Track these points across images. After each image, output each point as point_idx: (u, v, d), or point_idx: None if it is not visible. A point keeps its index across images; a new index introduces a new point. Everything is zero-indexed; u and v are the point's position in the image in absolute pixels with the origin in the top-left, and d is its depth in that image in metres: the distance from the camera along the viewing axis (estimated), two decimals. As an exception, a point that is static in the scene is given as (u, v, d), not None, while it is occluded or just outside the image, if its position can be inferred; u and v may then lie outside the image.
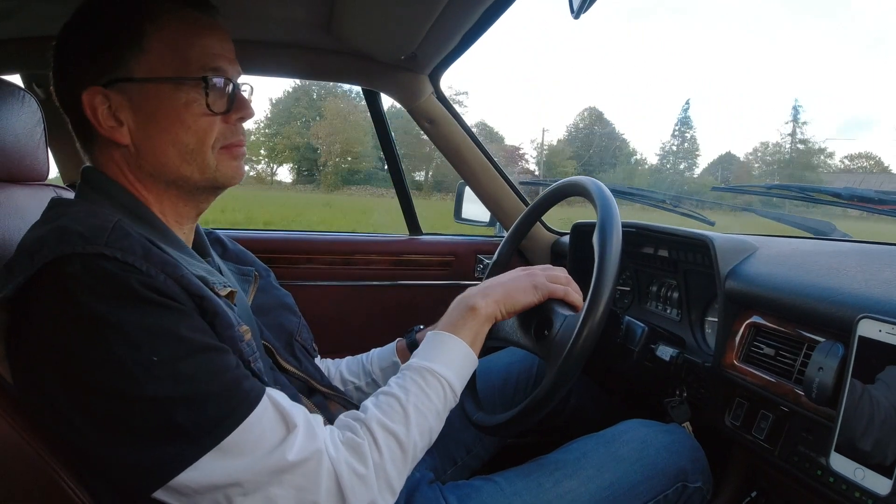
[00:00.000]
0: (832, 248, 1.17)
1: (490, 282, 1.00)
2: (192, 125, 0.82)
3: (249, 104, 0.88)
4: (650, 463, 1.00)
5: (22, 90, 1.04)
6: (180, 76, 0.81)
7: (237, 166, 0.88)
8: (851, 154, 51.82)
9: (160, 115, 0.82)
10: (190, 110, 0.82)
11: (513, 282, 0.99)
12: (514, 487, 0.95)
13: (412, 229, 2.07)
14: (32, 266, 0.67)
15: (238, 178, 0.88)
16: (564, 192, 1.22)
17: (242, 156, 0.89)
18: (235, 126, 0.87)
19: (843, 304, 0.89)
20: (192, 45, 0.82)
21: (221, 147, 0.85)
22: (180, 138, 0.82)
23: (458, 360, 0.90)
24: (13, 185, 1.02)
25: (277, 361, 0.98)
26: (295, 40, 1.51)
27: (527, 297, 0.98)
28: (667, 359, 1.12)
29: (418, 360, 0.89)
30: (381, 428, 0.79)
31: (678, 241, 1.35)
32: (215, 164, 0.85)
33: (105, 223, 0.71)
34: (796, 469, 0.94)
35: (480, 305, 0.95)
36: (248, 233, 1.94)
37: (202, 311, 0.73)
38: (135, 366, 0.65)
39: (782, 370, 0.99)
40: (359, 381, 1.29)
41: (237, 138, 0.87)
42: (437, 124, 1.81)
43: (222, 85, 0.84)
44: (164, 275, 0.70)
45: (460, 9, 1.16)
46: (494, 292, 0.97)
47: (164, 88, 0.81)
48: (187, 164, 0.84)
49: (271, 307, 1.07)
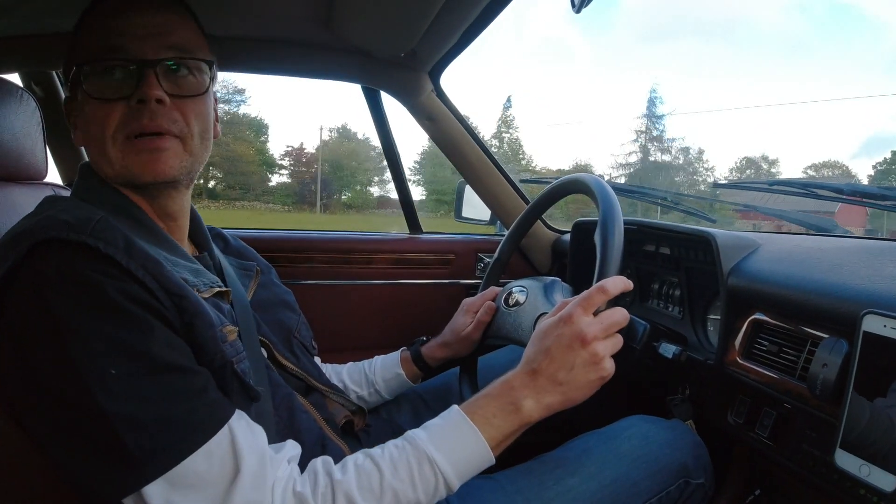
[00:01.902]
0: (835, 244, 1.17)
1: (549, 369, 0.83)
2: (92, 115, 0.79)
3: (150, 85, 0.78)
4: (652, 459, 1.00)
5: (20, 89, 1.04)
6: (81, 64, 0.79)
7: (143, 161, 0.79)
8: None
9: (78, 110, 0.82)
10: (89, 99, 0.79)
11: (575, 378, 0.83)
12: (516, 485, 0.94)
13: (412, 228, 2.07)
14: (17, 251, 0.67)
15: (148, 173, 0.80)
16: (566, 190, 1.21)
17: (153, 148, 0.79)
18: (137, 110, 0.78)
19: (846, 300, 0.88)
20: (95, 29, 0.80)
21: (126, 138, 0.79)
22: (88, 132, 0.81)
23: (469, 460, 0.80)
24: (11, 184, 1.02)
25: (275, 357, 0.97)
26: (294, 37, 1.51)
27: (588, 393, 0.85)
28: (669, 356, 1.12)
29: (427, 437, 0.79)
30: (346, 500, 0.73)
31: (680, 239, 1.35)
32: (120, 158, 0.79)
33: (91, 215, 0.71)
34: (800, 467, 0.93)
35: (528, 409, 0.82)
36: (249, 231, 1.94)
37: (180, 311, 0.71)
38: (89, 375, 0.64)
39: (786, 367, 0.99)
40: (361, 390, 1.28)
41: (138, 124, 0.78)
42: (437, 122, 1.80)
43: (112, 66, 0.78)
44: (143, 270, 0.69)
45: (460, 5, 1.15)
46: (551, 396, 0.83)
47: (77, 82, 0.80)
48: (99, 159, 0.81)
49: (271, 303, 1.06)
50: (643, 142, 44.39)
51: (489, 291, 1.29)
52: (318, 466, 0.77)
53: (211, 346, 0.73)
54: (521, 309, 1.17)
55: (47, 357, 0.65)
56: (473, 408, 0.83)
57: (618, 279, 0.89)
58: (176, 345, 0.70)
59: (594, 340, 0.83)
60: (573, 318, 0.84)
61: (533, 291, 1.18)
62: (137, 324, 0.67)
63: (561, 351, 0.83)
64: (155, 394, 0.66)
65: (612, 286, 0.87)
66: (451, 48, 1.47)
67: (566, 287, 1.16)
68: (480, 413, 0.82)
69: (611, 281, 0.88)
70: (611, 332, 0.86)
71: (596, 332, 0.83)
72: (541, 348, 0.85)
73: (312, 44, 1.54)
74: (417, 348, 1.30)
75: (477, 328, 1.24)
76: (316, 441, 0.93)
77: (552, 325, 0.86)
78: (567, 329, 0.84)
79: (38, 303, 0.65)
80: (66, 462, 0.67)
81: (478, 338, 1.25)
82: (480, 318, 1.23)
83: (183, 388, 0.68)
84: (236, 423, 0.71)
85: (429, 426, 0.82)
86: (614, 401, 1.49)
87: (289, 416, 0.92)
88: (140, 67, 0.78)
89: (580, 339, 0.83)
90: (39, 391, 0.66)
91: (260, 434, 0.74)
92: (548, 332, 0.86)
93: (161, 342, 0.68)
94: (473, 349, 1.26)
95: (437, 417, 0.84)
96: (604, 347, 0.84)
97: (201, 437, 0.67)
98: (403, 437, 0.81)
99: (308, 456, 0.90)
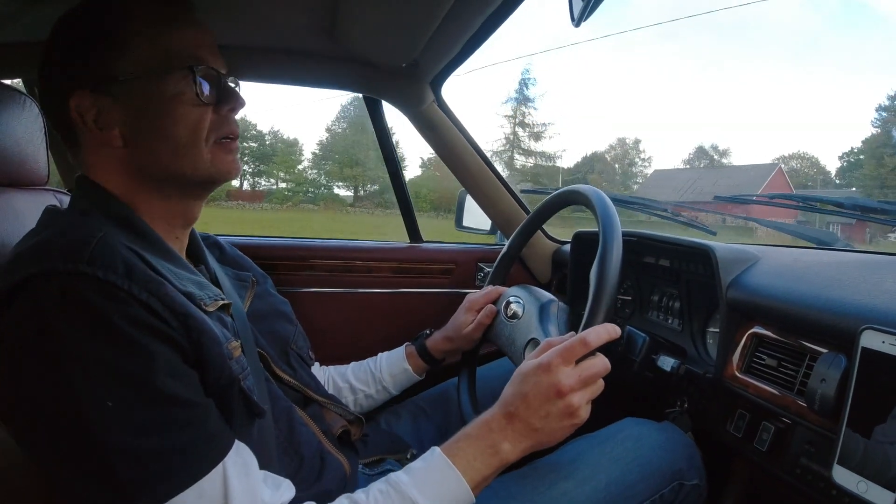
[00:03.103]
0: (834, 258, 1.17)
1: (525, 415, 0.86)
2: (183, 118, 0.81)
3: (239, 94, 0.87)
4: (645, 462, 0.99)
5: (23, 94, 1.04)
6: (165, 68, 0.80)
7: (232, 160, 0.86)
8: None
9: (149, 112, 0.80)
10: (179, 102, 0.80)
11: (548, 424, 0.86)
12: (510, 491, 0.94)
13: (413, 237, 2.07)
14: (11, 280, 0.66)
15: (234, 172, 0.86)
16: (565, 201, 1.22)
17: (236, 150, 0.87)
18: (227, 117, 0.85)
19: (845, 315, 0.88)
20: (171, 37, 0.81)
21: (215, 140, 0.83)
22: (172, 133, 0.81)
23: (452, 502, 0.82)
24: (13, 190, 1.02)
25: (272, 370, 0.97)
26: (296, 47, 1.51)
27: (561, 437, 0.88)
28: (668, 369, 1.12)
29: (411, 482, 0.81)
30: None
31: (679, 251, 1.35)
32: (210, 159, 0.83)
33: (89, 237, 0.70)
34: (798, 481, 0.93)
35: (506, 451, 0.85)
36: (249, 239, 1.94)
37: (188, 330, 0.70)
38: (86, 403, 0.63)
39: (784, 381, 0.98)
40: (368, 388, 1.29)
41: (230, 129, 0.85)
42: (438, 132, 1.81)
43: (209, 74, 0.83)
44: (146, 292, 0.68)
45: (463, 16, 1.16)
46: (526, 440, 0.86)
47: (151, 84, 0.80)
48: (180, 160, 0.82)
49: (267, 314, 1.06)
50: (512, 127, 43.60)
51: (493, 291, 1.30)
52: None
53: (218, 365, 0.73)
54: (516, 325, 1.18)
55: (45, 382, 0.64)
56: (455, 450, 0.84)
57: (602, 329, 0.89)
58: (180, 373, 0.69)
59: (570, 392, 0.85)
60: (552, 368, 0.86)
61: (529, 308, 1.18)
62: (139, 351, 0.66)
63: (538, 399, 0.85)
64: (152, 425, 0.65)
65: (595, 338, 0.87)
66: (453, 59, 1.47)
67: (562, 308, 1.16)
68: (461, 455, 0.84)
69: (595, 331, 0.88)
70: (589, 382, 0.87)
71: (572, 384, 0.85)
72: (518, 392, 0.87)
73: (314, 53, 1.55)
74: (422, 342, 1.33)
75: (477, 329, 1.27)
76: (315, 454, 0.93)
77: (532, 370, 0.87)
78: (545, 378, 0.86)
79: (37, 326, 0.65)
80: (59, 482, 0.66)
81: (478, 337, 1.28)
82: (481, 321, 1.26)
83: (182, 421, 0.67)
84: (231, 461, 0.70)
85: (411, 469, 0.83)
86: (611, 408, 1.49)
87: (288, 429, 0.91)
88: (224, 79, 0.85)
89: (556, 389, 0.85)
90: (35, 414, 0.65)
91: (254, 473, 0.73)
92: (527, 377, 0.87)
93: (163, 371, 0.67)
94: (474, 346, 1.30)
95: (419, 460, 0.85)
96: (580, 398, 0.86)
97: (195, 474, 0.66)
98: (386, 479, 0.82)
99: (308, 469, 0.90)
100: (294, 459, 0.90)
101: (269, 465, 0.81)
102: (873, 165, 40.52)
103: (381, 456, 1.12)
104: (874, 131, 42.63)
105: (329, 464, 0.93)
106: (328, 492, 0.89)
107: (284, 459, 0.88)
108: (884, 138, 41.04)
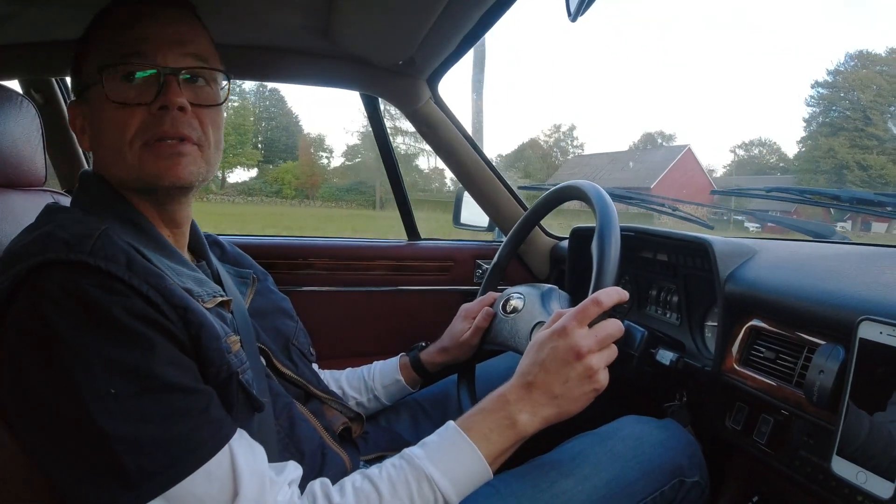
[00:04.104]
0: (831, 250, 1.17)
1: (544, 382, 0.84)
2: (112, 120, 0.79)
3: (173, 91, 0.79)
4: (646, 459, 0.99)
5: (20, 95, 1.04)
6: (104, 70, 0.79)
7: (165, 166, 0.80)
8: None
9: (95, 117, 0.81)
10: (110, 104, 0.79)
11: (569, 391, 0.84)
12: (511, 489, 0.94)
13: (411, 234, 2.07)
14: (15, 271, 0.66)
15: (167, 177, 0.80)
16: (563, 197, 1.22)
17: (174, 153, 0.80)
18: (159, 116, 0.79)
19: (843, 307, 0.88)
20: (115, 38, 0.80)
21: (144, 143, 0.79)
22: (105, 137, 0.81)
23: (468, 477, 0.81)
24: (10, 191, 1.02)
25: (274, 365, 0.97)
26: (292, 45, 1.51)
27: (583, 405, 0.87)
28: (667, 363, 1.12)
29: (425, 455, 0.80)
30: None
31: (677, 245, 1.35)
32: (138, 163, 0.80)
33: (91, 230, 0.70)
34: (798, 473, 0.93)
35: (524, 422, 0.83)
36: (247, 238, 1.94)
37: (186, 323, 0.70)
38: (88, 394, 0.63)
39: (783, 374, 0.99)
40: (360, 396, 1.29)
41: (160, 129, 0.79)
42: (435, 129, 1.80)
43: (132, 71, 0.79)
44: (146, 284, 0.68)
45: (458, 13, 1.16)
46: (547, 409, 0.84)
47: (96, 88, 0.80)
48: (114, 165, 0.81)
49: (268, 311, 1.06)
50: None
51: (487, 297, 1.29)
52: (316, 489, 0.77)
53: (217, 358, 0.73)
54: (518, 316, 1.17)
55: (46, 375, 0.64)
56: (470, 423, 0.84)
57: (612, 290, 0.89)
58: (179, 362, 0.69)
59: (589, 353, 0.84)
60: (568, 331, 0.85)
61: (530, 299, 1.18)
62: (140, 342, 0.66)
63: (556, 364, 0.84)
64: (155, 413, 0.65)
65: (607, 298, 0.87)
66: (450, 55, 1.47)
67: (563, 295, 1.16)
68: (477, 429, 0.83)
69: (605, 292, 0.88)
70: (605, 344, 0.86)
71: (590, 345, 0.84)
72: (536, 361, 0.86)
73: (311, 52, 1.55)
74: (416, 354, 1.30)
75: (475, 334, 1.24)
76: (316, 449, 0.93)
77: (547, 337, 0.87)
78: (562, 342, 0.85)
79: (37, 320, 0.64)
80: (62, 478, 0.66)
81: (476, 343, 1.25)
82: (478, 325, 1.23)
83: (184, 408, 0.67)
84: (237, 443, 0.70)
85: (426, 443, 0.82)
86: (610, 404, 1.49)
87: (289, 424, 0.92)
88: (162, 74, 0.79)
89: (575, 351, 0.84)
90: (37, 408, 0.65)
91: (260, 455, 0.73)
92: (543, 345, 0.87)
93: (164, 360, 0.67)
94: (472, 354, 1.27)
95: (434, 434, 0.84)
96: (598, 360, 0.85)
97: (201, 458, 0.66)
98: (400, 455, 0.81)
99: (309, 465, 0.90)
100: (295, 455, 0.90)
101: (270, 460, 0.81)
102: (810, 147, 40.40)
103: (382, 453, 1.12)
104: (809, 111, 42.41)
105: (330, 459, 0.94)
106: None
107: (285, 455, 0.88)
108: (821, 118, 40.81)
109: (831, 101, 40.45)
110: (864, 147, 37.29)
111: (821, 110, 41.11)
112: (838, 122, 39.10)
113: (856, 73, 39.53)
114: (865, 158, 36.83)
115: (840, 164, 37.13)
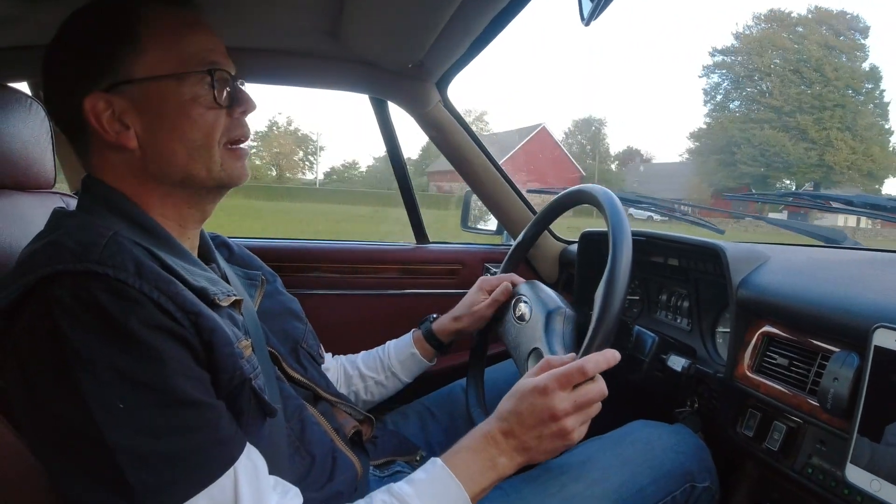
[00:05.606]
0: (845, 256, 1.16)
1: (519, 434, 0.87)
2: (199, 120, 0.81)
3: (251, 98, 0.88)
4: (657, 464, 0.99)
5: (29, 98, 1.04)
6: (182, 71, 0.81)
7: (241, 167, 0.87)
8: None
9: (166, 114, 0.81)
10: (195, 105, 0.81)
11: (541, 445, 0.87)
12: (520, 493, 0.94)
13: (419, 238, 2.07)
14: (24, 282, 0.66)
15: (243, 177, 0.88)
16: (573, 201, 1.21)
17: (246, 155, 0.88)
18: (238, 120, 0.86)
19: (857, 314, 0.87)
20: (186, 41, 0.82)
21: (226, 143, 0.84)
22: (187, 135, 0.81)
23: None
24: (20, 193, 1.02)
25: (283, 369, 0.97)
26: (302, 49, 1.51)
27: (554, 456, 0.91)
28: (678, 369, 1.11)
29: (414, 493, 0.81)
30: None
31: (689, 250, 1.34)
32: (220, 162, 0.84)
33: (99, 237, 0.70)
34: (810, 481, 0.92)
35: (503, 465, 0.87)
36: (256, 241, 1.94)
37: (198, 329, 0.70)
38: (96, 406, 0.63)
39: (796, 381, 0.98)
40: (378, 375, 1.30)
41: (241, 131, 0.86)
42: (444, 132, 1.80)
43: (223, 77, 0.84)
44: (157, 291, 0.67)
45: (469, 16, 1.15)
46: (520, 456, 0.88)
47: (168, 86, 0.80)
48: (194, 162, 0.82)
49: (277, 313, 1.06)
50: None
51: (508, 275, 1.30)
52: None
53: (230, 364, 0.72)
54: (522, 329, 1.15)
55: (56, 384, 0.64)
56: (456, 461, 0.85)
57: (601, 358, 0.88)
58: (192, 374, 0.68)
59: (564, 416, 0.86)
60: (548, 391, 0.86)
61: (535, 315, 1.14)
62: (151, 353, 0.65)
63: (532, 419, 0.86)
64: (163, 428, 0.65)
65: (593, 367, 0.87)
66: (459, 59, 1.47)
67: (569, 316, 1.11)
68: (463, 468, 0.84)
69: (593, 360, 0.88)
70: (583, 408, 0.87)
71: (567, 409, 0.86)
72: (515, 410, 0.88)
73: (320, 55, 1.55)
74: (428, 326, 1.32)
75: (491, 306, 1.26)
76: (327, 453, 0.93)
77: (528, 391, 0.88)
78: (540, 401, 0.86)
79: (48, 328, 0.64)
80: (67, 487, 0.66)
81: (489, 316, 1.27)
82: (496, 297, 1.25)
83: (193, 424, 0.67)
84: (242, 466, 0.70)
85: (414, 481, 0.83)
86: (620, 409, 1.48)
87: (300, 428, 0.91)
88: (235, 80, 0.86)
89: (550, 413, 0.85)
90: (45, 417, 0.65)
91: (264, 478, 0.73)
92: (524, 397, 0.88)
93: (175, 372, 0.66)
94: (483, 326, 1.28)
95: (421, 470, 0.85)
96: (573, 421, 0.87)
97: (206, 479, 0.66)
98: (389, 491, 0.82)
99: (319, 469, 0.90)
100: (305, 459, 0.89)
101: (280, 464, 0.80)
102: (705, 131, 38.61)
103: (391, 458, 1.12)
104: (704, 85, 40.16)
105: (341, 464, 0.93)
106: (339, 493, 0.88)
107: (296, 458, 0.88)
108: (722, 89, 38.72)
109: (727, 68, 37.88)
110: (758, 121, 35.62)
111: (717, 82, 38.83)
112: (733, 95, 37.10)
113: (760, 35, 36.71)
114: (756, 135, 34.79)
115: (730, 142, 35.26)
